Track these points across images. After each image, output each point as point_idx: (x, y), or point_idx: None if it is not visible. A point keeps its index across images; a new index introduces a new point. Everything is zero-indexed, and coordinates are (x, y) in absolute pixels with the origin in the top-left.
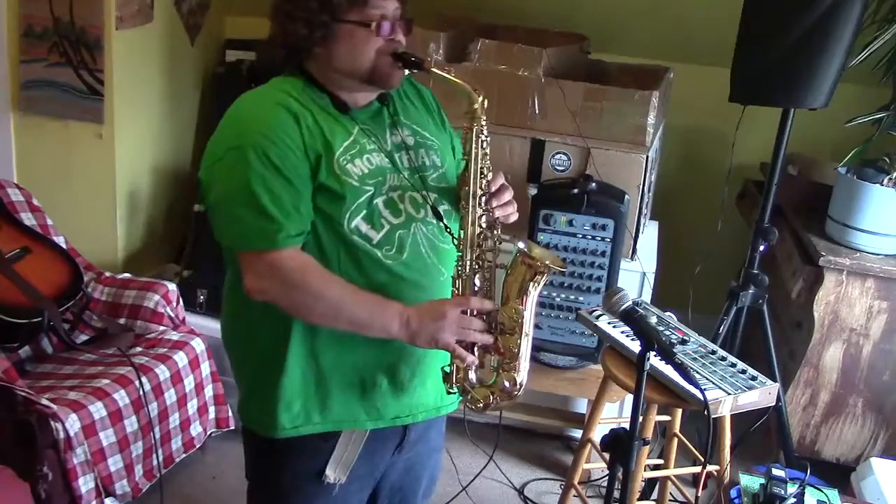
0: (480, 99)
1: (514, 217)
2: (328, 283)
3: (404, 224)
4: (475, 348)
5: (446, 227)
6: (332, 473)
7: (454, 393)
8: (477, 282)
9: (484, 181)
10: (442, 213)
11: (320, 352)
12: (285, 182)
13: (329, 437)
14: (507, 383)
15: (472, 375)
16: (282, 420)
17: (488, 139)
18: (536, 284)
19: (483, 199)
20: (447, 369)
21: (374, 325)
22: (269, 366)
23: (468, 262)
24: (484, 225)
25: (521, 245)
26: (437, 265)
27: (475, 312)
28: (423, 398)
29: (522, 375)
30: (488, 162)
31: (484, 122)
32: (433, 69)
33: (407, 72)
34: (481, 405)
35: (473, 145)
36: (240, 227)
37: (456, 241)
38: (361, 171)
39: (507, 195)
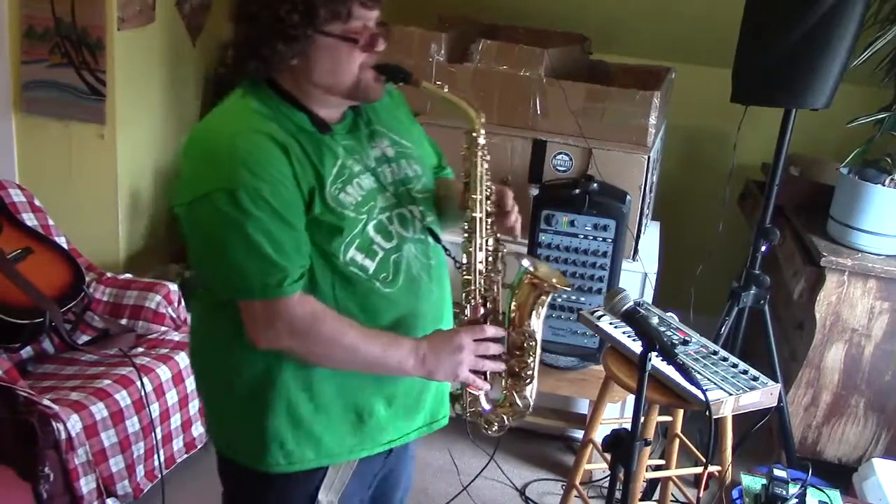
0: (479, 116)
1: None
2: (340, 328)
3: (397, 247)
4: (487, 374)
5: (445, 249)
6: (324, 499)
7: (465, 417)
8: (486, 305)
9: (489, 202)
10: (431, 225)
11: (316, 385)
12: (284, 223)
13: (320, 467)
14: (518, 401)
15: (483, 402)
16: (275, 456)
17: (488, 158)
18: (544, 302)
19: (488, 221)
20: (456, 393)
21: (390, 365)
22: (258, 401)
23: (476, 288)
24: (490, 247)
25: (526, 264)
26: (429, 284)
27: (488, 339)
28: (416, 417)
29: (533, 392)
30: (489, 182)
31: (484, 142)
32: (424, 83)
33: (391, 85)
34: (496, 428)
35: (476, 168)
36: (239, 278)
37: (461, 266)
38: (354, 199)
39: (515, 210)
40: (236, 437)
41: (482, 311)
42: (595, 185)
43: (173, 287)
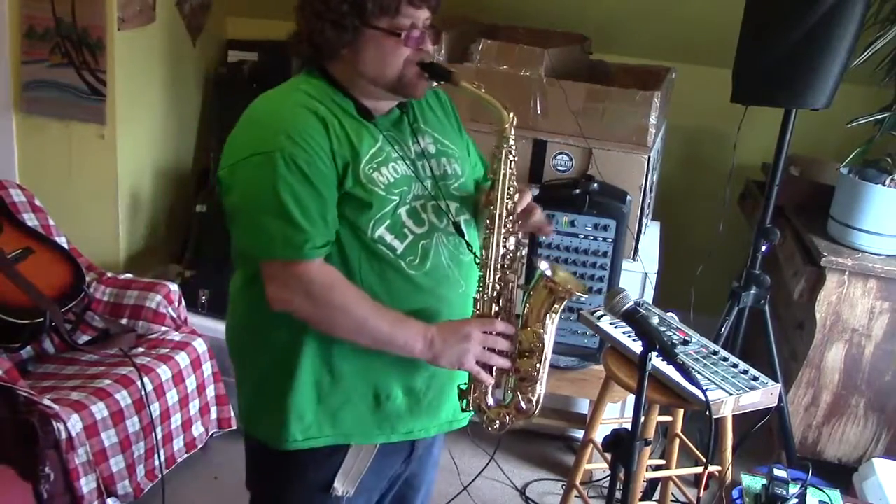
0: (511, 116)
1: (551, 230)
2: (354, 298)
3: (427, 234)
4: (494, 370)
5: (467, 243)
6: (340, 486)
7: (470, 411)
8: (500, 302)
9: (510, 202)
10: (463, 223)
11: (336, 362)
12: (313, 190)
13: (338, 450)
14: (522, 403)
15: (489, 397)
16: (293, 431)
17: (516, 158)
18: (558, 308)
19: (509, 219)
20: (464, 387)
21: (398, 343)
22: (281, 375)
23: (490, 283)
24: (510, 246)
25: (543, 267)
26: (458, 277)
27: (497, 334)
28: (436, 413)
29: (539, 396)
30: (515, 181)
31: (513, 142)
32: (463, 83)
33: (434, 83)
34: (497, 425)
35: (502, 165)
36: (265, 236)
37: (479, 260)
38: (388, 179)
39: (539, 214)
40: (260, 416)
41: (495, 307)
42: (595, 185)
43: (173, 287)
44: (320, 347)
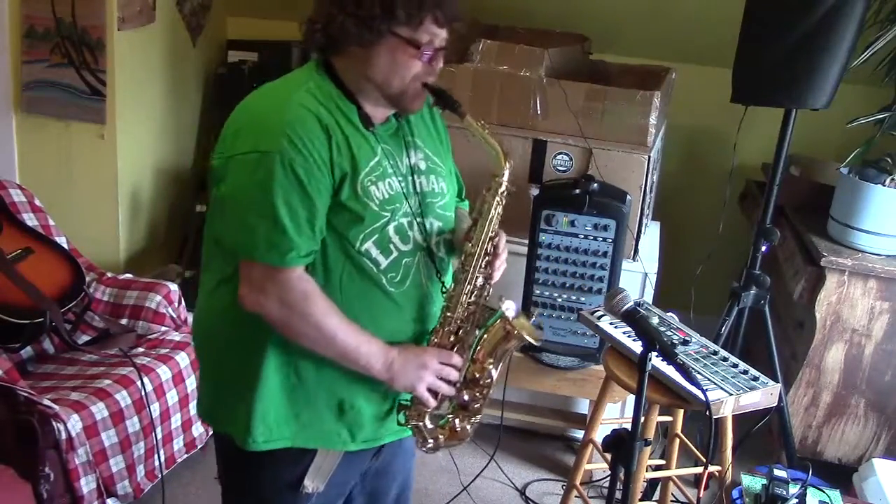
0: (508, 164)
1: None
2: (327, 312)
3: (411, 252)
4: (439, 395)
5: (437, 270)
6: (310, 483)
7: (406, 426)
8: (458, 334)
9: (490, 244)
10: (443, 243)
11: (301, 366)
12: (306, 198)
13: (306, 450)
14: (458, 428)
15: (427, 420)
16: (256, 431)
17: (504, 203)
18: (507, 351)
19: (486, 260)
20: (405, 403)
21: (360, 362)
22: (246, 374)
23: (454, 317)
24: (479, 283)
25: (505, 308)
26: (430, 295)
27: (450, 366)
28: (393, 422)
29: (476, 424)
30: (496, 225)
31: (504, 190)
32: (468, 118)
33: (437, 109)
34: (431, 446)
35: (490, 210)
36: (250, 236)
37: (446, 291)
38: (383, 195)
39: (505, 254)
40: (224, 408)
41: (452, 338)
42: (595, 185)
43: (173, 287)
44: (287, 349)
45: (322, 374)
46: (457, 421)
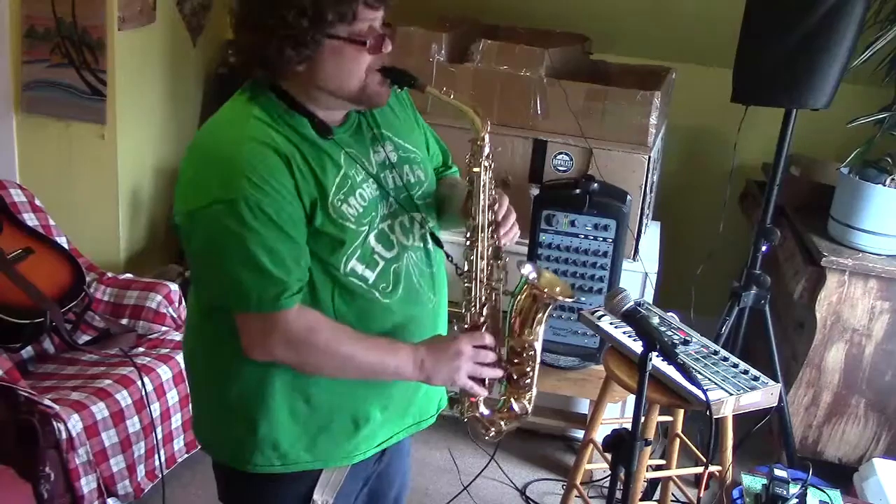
0: (485, 126)
1: (517, 235)
2: (336, 337)
3: (397, 257)
4: (486, 381)
5: (448, 255)
6: (319, 498)
7: (465, 420)
8: (484, 312)
9: (491, 212)
10: (436, 233)
11: (313, 391)
12: (284, 236)
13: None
14: (516, 407)
15: (482, 407)
16: (265, 459)
17: (493, 165)
18: (544, 313)
19: (491, 229)
20: (454, 395)
21: (389, 371)
22: (252, 405)
23: (476, 295)
24: (492, 256)
25: (527, 271)
26: (427, 292)
27: (486, 347)
28: (403, 418)
29: (532, 398)
30: (493, 190)
31: (489, 151)
32: (429, 88)
33: (397, 87)
34: (493, 433)
35: (479, 177)
36: (237, 289)
37: (462, 272)
38: (356, 210)
39: (512, 217)
40: (227, 438)
41: (481, 319)
42: (595, 185)
43: (174, 287)
44: (294, 380)
45: (335, 397)
46: (513, 400)
